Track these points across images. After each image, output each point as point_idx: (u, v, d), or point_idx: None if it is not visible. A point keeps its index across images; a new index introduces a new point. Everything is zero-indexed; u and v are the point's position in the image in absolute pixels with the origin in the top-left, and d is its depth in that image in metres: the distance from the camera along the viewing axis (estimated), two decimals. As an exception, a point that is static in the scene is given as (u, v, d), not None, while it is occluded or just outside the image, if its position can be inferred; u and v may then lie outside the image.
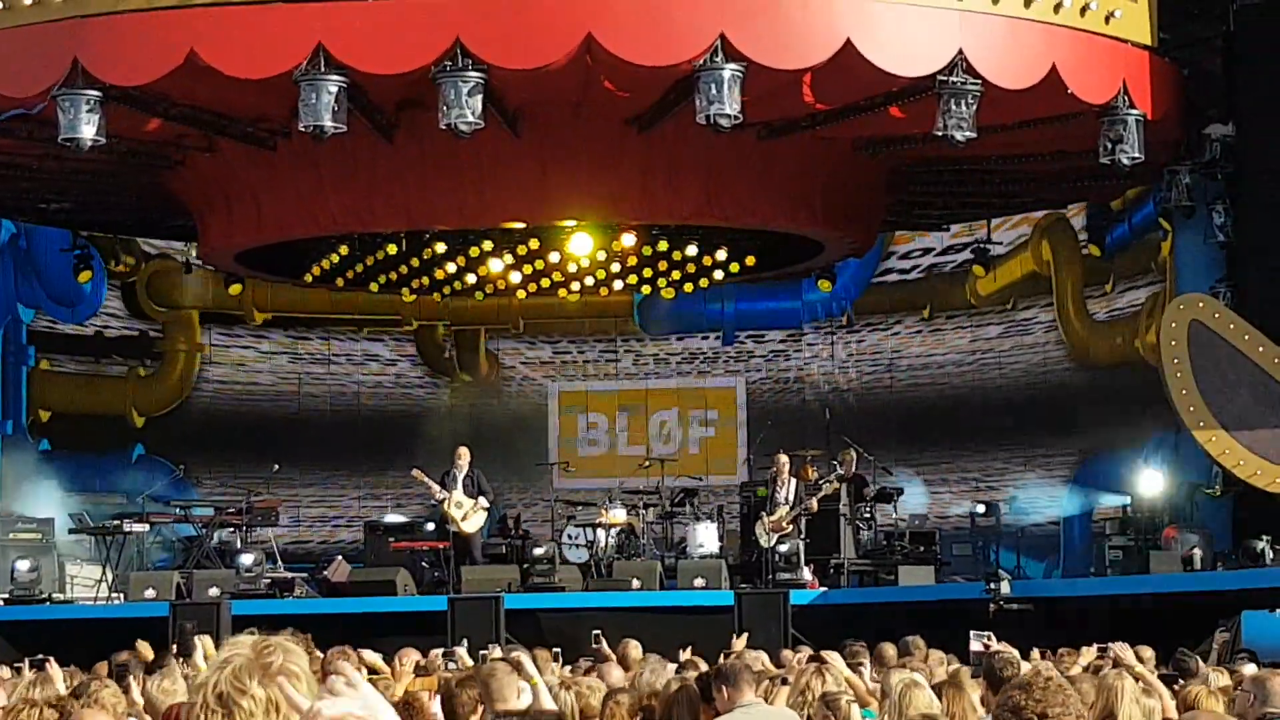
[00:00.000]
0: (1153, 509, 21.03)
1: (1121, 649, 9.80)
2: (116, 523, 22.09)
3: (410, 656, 11.13)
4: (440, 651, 12.02)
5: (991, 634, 12.32)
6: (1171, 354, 18.91)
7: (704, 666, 10.77)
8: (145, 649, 10.55)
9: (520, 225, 21.55)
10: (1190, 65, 19.99)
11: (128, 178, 21.56)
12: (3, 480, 24.64)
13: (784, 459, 21.56)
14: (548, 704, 8.52)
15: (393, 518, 24.06)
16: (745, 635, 14.17)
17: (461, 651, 12.59)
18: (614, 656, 12.89)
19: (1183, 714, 8.40)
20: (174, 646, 10.91)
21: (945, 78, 17.04)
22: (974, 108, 17.07)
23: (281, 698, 2.95)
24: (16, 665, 12.10)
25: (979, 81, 17.07)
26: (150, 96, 17.79)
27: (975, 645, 11.93)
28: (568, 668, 12.78)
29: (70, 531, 22.64)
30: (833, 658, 9.96)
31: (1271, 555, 18.01)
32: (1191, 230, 21.30)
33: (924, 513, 24.95)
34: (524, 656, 9.08)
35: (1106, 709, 7.83)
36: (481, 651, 13.98)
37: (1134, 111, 18.20)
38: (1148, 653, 12.35)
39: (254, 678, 2.96)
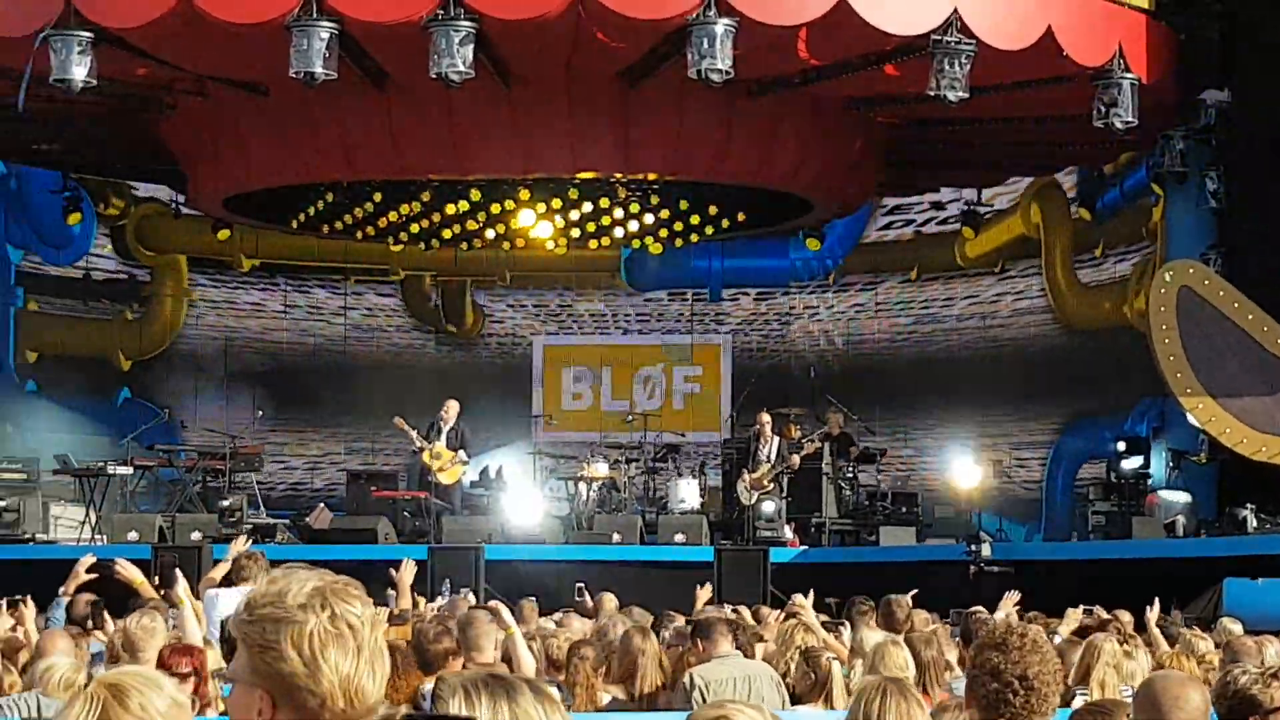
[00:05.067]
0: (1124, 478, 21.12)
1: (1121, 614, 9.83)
2: (100, 465, 22.09)
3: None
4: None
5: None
6: (1160, 320, 18.89)
7: (680, 620, 10.80)
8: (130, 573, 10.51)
9: (518, 178, 21.50)
10: (1187, 30, 19.90)
11: (118, 121, 21.47)
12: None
13: (766, 417, 21.57)
14: (524, 654, 8.54)
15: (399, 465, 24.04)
16: (708, 585, 14.11)
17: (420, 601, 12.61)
18: (594, 609, 12.94)
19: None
20: (155, 579, 10.93)
21: (939, 37, 16.97)
22: (967, 68, 17.01)
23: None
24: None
25: (973, 41, 17.00)
26: (142, 40, 17.68)
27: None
28: (546, 619, 12.78)
29: (54, 472, 22.61)
30: (809, 617, 9.99)
31: (1255, 523, 18.04)
32: (1183, 196, 21.26)
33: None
34: (502, 607, 9.10)
35: (1084, 669, 7.85)
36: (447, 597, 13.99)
37: (1129, 75, 18.13)
38: (1125, 616, 12.40)
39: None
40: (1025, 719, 4.61)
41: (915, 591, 13.29)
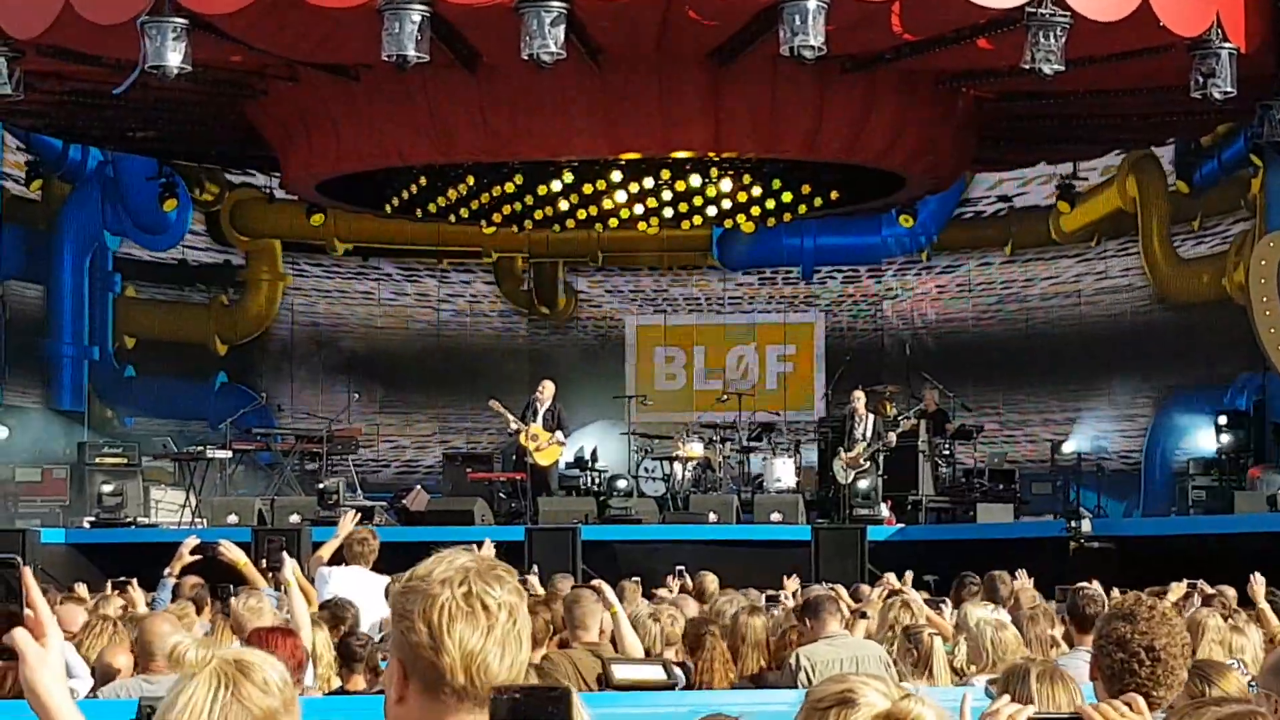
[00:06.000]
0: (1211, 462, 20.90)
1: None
2: (199, 449, 22.30)
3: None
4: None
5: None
6: (1260, 292, 18.68)
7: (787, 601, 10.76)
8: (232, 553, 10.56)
9: (610, 159, 21.51)
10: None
11: (212, 107, 21.64)
12: (89, 405, 24.93)
13: (860, 395, 21.48)
14: (628, 633, 8.55)
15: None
16: (795, 576, 13.94)
17: (533, 579, 12.63)
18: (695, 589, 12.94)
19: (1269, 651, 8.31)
20: (262, 562, 11.01)
21: (1034, 9, 16.79)
22: (1063, 40, 16.82)
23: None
24: (106, 585, 12.26)
25: (1068, 13, 16.81)
26: (235, 25, 17.80)
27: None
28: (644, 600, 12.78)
29: (155, 457, 22.87)
30: (911, 594, 9.94)
31: (1358, 497, 17.82)
32: (1283, 167, 20.99)
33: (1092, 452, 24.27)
34: (605, 586, 9.11)
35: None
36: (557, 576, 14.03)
37: (1227, 45, 17.87)
38: (1230, 592, 12.25)
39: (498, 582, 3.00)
40: (1151, 690, 4.56)
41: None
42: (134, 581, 11.29)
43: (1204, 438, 22.33)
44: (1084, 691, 5.19)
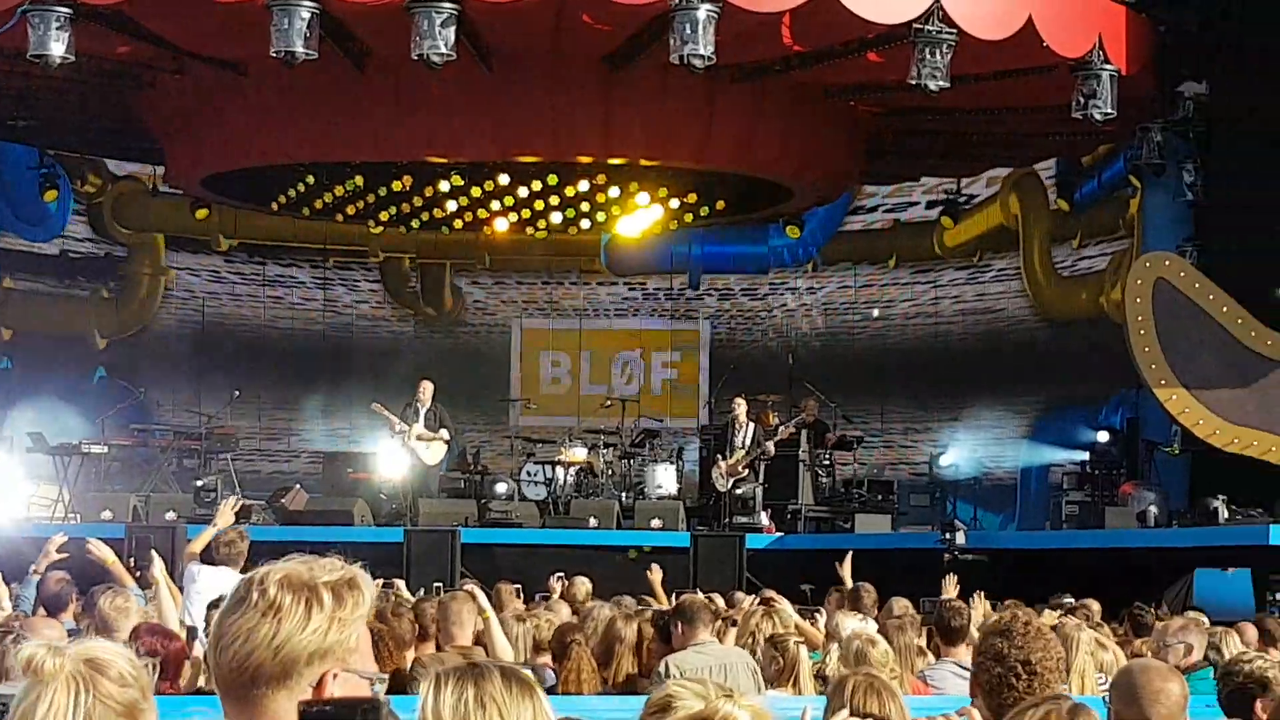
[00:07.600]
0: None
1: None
2: (75, 443, 22.02)
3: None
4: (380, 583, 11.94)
5: None
6: (1136, 311, 18.94)
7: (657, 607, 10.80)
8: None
9: (499, 161, 21.49)
10: (1166, 22, 19.94)
11: (96, 97, 21.40)
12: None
13: (741, 403, 21.57)
14: (499, 638, 8.56)
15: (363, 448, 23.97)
16: (657, 567, 13.79)
17: (400, 585, 12.59)
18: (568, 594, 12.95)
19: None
20: (130, 560, 10.88)
21: (921, 25, 16.99)
22: (948, 57, 17.04)
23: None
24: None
25: (954, 31, 17.03)
26: (121, 15, 17.62)
27: None
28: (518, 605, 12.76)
29: (29, 451, 22.53)
30: (781, 602, 10.01)
31: (1226, 514, 18.13)
32: (1161, 188, 21.32)
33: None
34: (478, 590, 9.11)
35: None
36: (436, 584, 14.04)
37: (1108, 67, 18.18)
38: (1095, 605, 12.45)
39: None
40: None
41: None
42: None
43: (1079, 453, 22.64)
44: (905, 702, 5.28)
